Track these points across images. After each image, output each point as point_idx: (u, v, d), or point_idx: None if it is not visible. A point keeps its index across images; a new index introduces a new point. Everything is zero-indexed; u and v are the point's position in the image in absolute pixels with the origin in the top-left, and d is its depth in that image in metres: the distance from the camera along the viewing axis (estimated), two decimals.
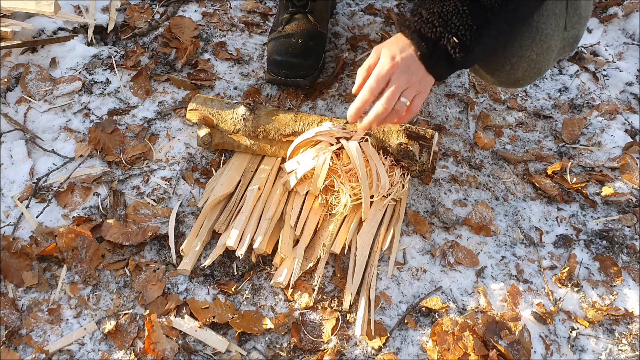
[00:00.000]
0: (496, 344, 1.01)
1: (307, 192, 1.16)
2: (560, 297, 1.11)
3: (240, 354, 1.00)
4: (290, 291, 1.08)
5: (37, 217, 1.14)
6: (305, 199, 1.16)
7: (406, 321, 1.06)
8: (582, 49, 1.57)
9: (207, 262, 1.09)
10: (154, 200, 1.20)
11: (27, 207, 1.16)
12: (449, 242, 1.17)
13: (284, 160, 1.21)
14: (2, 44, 1.36)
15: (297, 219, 1.14)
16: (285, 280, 1.06)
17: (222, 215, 1.15)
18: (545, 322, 1.07)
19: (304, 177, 1.15)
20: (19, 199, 1.17)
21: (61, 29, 1.48)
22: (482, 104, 1.44)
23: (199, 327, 1.02)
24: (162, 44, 1.48)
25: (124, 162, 1.24)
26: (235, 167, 1.22)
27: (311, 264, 1.09)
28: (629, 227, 1.22)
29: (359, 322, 1.03)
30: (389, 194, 1.15)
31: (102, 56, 1.44)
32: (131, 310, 1.04)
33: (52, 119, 1.30)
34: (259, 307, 1.06)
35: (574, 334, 1.06)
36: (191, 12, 1.58)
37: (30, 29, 1.41)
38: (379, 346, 1.02)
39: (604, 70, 1.54)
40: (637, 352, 1.04)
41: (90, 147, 1.26)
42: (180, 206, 1.18)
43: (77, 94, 1.36)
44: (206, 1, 1.61)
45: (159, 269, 1.09)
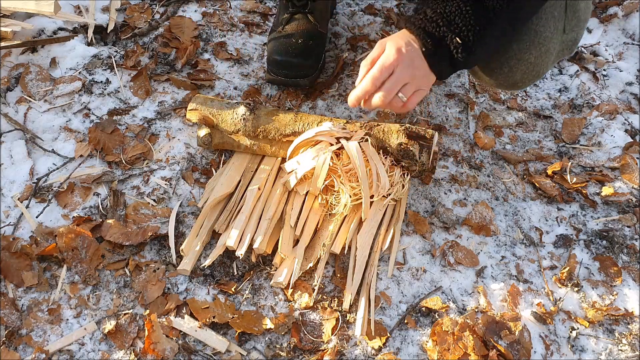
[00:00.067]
0: (496, 344, 1.01)
1: (307, 192, 1.16)
2: (560, 297, 1.11)
3: (240, 354, 1.00)
4: (290, 291, 1.08)
5: (37, 217, 1.14)
6: (305, 199, 1.16)
7: (406, 321, 1.06)
8: (582, 49, 1.57)
9: (207, 262, 1.09)
10: (154, 200, 1.20)
11: (27, 207, 1.16)
12: (449, 242, 1.17)
13: (284, 160, 1.21)
14: (2, 44, 1.36)
15: (297, 219, 1.14)
16: (285, 280, 1.06)
17: (222, 215, 1.15)
18: (545, 322, 1.07)
19: (304, 177, 1.15)
20: (19, 199, 1.17)
21: (61, 29, 1.48)
22: (482, 104, 1.44)
23: (199, 327, 1.02)
24: (162, 44, 1.48)
25: (124, 162, 1.24)
26: (235, 167, 1.22)
27: (311, 264, 1.09)
28: (629, 227, 1.22)
29: (359, 322, 1.03)
30: (389, 194, 1.15)
31: (102, 56, 1.44)
32: (131, 310, 1.04)
33: (52, 119, 1.30)
34: (259, 307, 1.06)
35: (574, 334, 1.06)
36: (191, 12, 1.58)
37: (30, 29, 1.42)
38: (379, 346, 1.02)
39: (604, 70, 1.54)
40: (637, 352, 1.04)
41: (90, 147, 1.26)
42: (180, 206, 1.18)
43: (77, 94, 1.36)
44: (206, 1, 1.61)
45: (159, 269, 1.09)
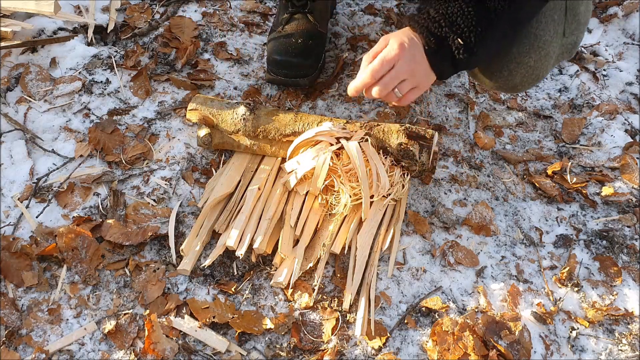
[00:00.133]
0: (496, 344, 1.01)
1: (307, 192, 1.16)
2: (560, 297, 1.11)
3: (240, 354, 1.00)
4: (290, 291, 1.08)
5: (37, 217, 1.14)
6: (305, 199, 1.16)
7: (406, 321, 1.06)
8: (582, 49, 1.57)
9: (207, 262, 1.09)
10: (154, 200, 1.20)
11: (27, 207, 1.16)
12: (449, 242, 1.17)
13: (284, 160, 1.21)
14: (2, 44, 1.36)
15: (297, 219, 1.14)
16: (285, 280, 1.06)
17: (222, 215, 1.15)
18: (545, 322, 1.07)
19: (304, 177, 1.15)
20: (19, 199, 1.17)
21: (61, 29, 1.48)
22: (482, 104, 1.44)
23: (199, 327, 1.02)
24: (162, 44, 1.48)
25: (124, 162, 1.24)
26: (235, 167, 1.22)
27: (311, 264, 1.09)
28: (629, 227, 1.22)
29: (359, 322, 1.03)
30: (389, 194, 1.15)
31: (102, 56, 1.44)
32: (131, 310, 1.04)
33: (52, 119, 1.30)
34: (259, 307, 1.06)
35: (574, 334, 1.06)
36: (191, 12, 1.58)
37: (30, 29, 1.42)
38: (379, 346, 1.02)
39: (604, 70, 1.54)
40: (637, 352, 1.04)
41: (90, 147, 1.26)
42: (180, 206, 1.18)
43: (77, 94, 1.36)
44: (206, 1, 1.61)
45: (159, 269, 1.09)
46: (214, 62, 1.46)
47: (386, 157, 1.14)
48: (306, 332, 1.04)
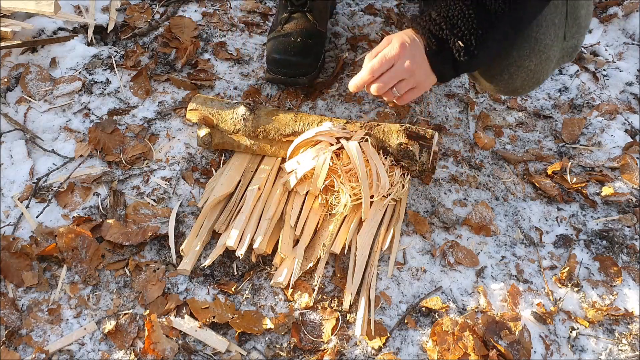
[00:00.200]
0: (496, 344, 1.01)
1: (307, 192, 1.16)
2: (560, 297, 1.11)
3: (240, 354, 1.00)
4: (290, 291, 1.08)
5: (37, 217, 1.14)
6: (305, 199, 1.16)
7: (406, 321, 1.06)
8: (582, 49, 1.57)
9: (207, 262, 1.09)
10: (154, 200, 1.20)
11: (27, 207, 1.16)
12: (449, 242, 1.17)
13: (284, 160, 1.21)
14: (2, 44, 1.36)
15: (297, 219, 1.14)
16: (285, 280, 1.06)
17: (222, 215, 1.15)
18: (545, 322, 1.07)
19: (304, 177, 1.15)
20: (19, 199, 1.17)
21: (61, 29, 1.48)
22: (482, 104, 1.44)
23: (199, 327, 1.02)
24: (162, 44, 1.48)
25: (124, 162, 1.24)
26: (235, 167, 1.22)
27: (311, 264, 1.09)
28: (629, 227, 1.22)
29: (359, 322, 1.03)
30: (389, 194, 1.15)
31: (102, 56, 1.44)
32: (131, 310, 1.04)
33: (52, 119, 1.30)
34: (259, 307, 1.06)
35: (574, 334, 1.06)
36: (191, 12, 1.58)
37: (30, 29, 1.42)
38: (379, 346, 1.02)
39: (604, 70, 1.54)
40: (637, 352, 1.04)
41: (90, 147, 1.26)
42: (180, 206, 1.18)
43: (77, 94, 1.36)
44: (206, 1, 1.61)
45: (159, 269, 1.09)
46: (214, 62, 1.46)
47: (386, 157, 1.14)
48: (306, 332, 1.03)
